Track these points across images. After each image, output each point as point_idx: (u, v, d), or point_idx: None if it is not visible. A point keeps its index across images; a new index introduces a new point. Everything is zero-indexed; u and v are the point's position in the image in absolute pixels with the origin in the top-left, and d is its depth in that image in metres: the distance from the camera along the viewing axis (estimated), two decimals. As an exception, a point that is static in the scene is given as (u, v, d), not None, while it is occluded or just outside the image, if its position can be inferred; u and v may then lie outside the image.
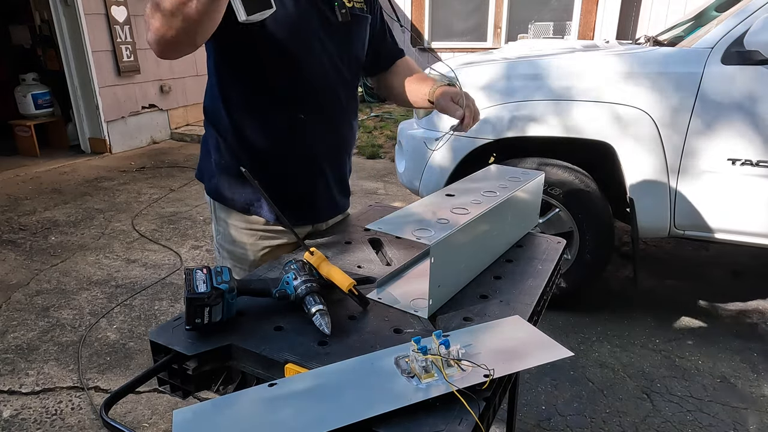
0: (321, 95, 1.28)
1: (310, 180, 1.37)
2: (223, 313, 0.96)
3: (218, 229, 1.42)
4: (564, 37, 7.77)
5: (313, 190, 1.39)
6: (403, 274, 1.21)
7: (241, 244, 1.38)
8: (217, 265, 1.42)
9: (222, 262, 1.43)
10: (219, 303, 0.94)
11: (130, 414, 2.15)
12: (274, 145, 1.29)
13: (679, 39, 2.84)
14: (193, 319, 0.93)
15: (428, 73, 1.57)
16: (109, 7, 6.02)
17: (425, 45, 9.32)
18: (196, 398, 1.09)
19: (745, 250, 3.09)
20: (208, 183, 1.39)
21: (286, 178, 1.33)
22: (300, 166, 1.33)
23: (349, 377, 0.83)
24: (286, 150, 1.31)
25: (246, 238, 1.37)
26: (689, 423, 2.10)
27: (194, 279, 0.94)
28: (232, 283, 0.96)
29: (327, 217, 1.48)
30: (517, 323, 0.99)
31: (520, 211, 1.39)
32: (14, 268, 3.44)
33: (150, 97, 6.80)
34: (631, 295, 3.07)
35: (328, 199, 1.44)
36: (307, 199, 1.39)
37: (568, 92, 2.54)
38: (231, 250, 1.40)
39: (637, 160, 2.48)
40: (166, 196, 4.84)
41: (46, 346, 2.61)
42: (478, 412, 0.76)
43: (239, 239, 1.38)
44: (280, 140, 1.29)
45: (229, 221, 1.38)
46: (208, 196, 1.40)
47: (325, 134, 1.33)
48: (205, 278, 0.95)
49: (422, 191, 2.95)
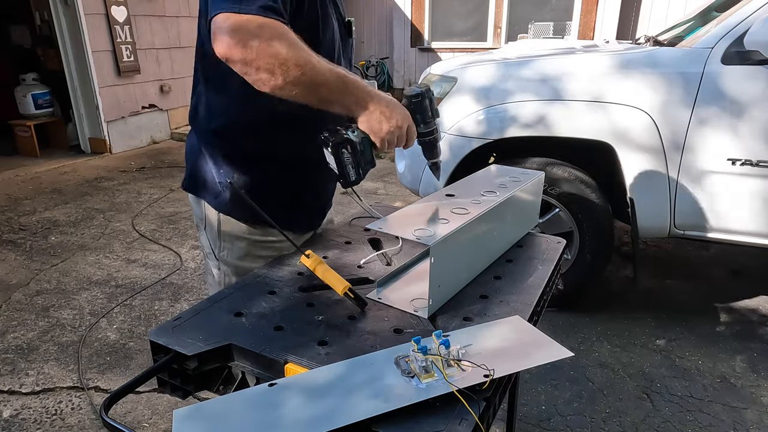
0: None
1: (325, 185, 1.40)
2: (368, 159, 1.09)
3: (224, 246, 1.31)
4: (564, 37, 7.77)
5: (326, 194, 1.43)
6: (403, 274, 1.21)
7: (255, 258, 1.31)
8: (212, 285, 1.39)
9: (226, 280, 1.34)
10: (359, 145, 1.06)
11: (130, 414, 2.15)
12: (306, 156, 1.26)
13: (679, 39, 2.83)
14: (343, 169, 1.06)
15: (427, 74, 1.59)
16: (109, 7, 6.02)
17: (425, 45, 9.32)
18: (196, 398, 1.09)
19: (745, 250, 3.09)
20: (215, 198, 1.28)
21: (315, 185, 1.35)
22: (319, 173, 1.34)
23: (349, 377, 0.83)
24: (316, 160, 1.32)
25: (260, 250, 1.31)
26: (689, 423, 2.10)
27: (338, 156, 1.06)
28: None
29: (325, 215, 1.50)
30: (517, 323, 0.99)
31: (520, 211, 1.39)
32: (14, 268, 3.44)
33: (150, 97, 6.80)
34: (631, 295, 3.07)
35: (330, 200, 1.49)
36: (321, 204, 1.43)
37: (568, 92, 2.54)
38: (239, 266, 1.32)
39: (637, 160, 2.48)
40: (166, 196, 4.84)
41: (46, 346, 2.61)
42: (478, 412, 0.76)
43: (253, 253, 1.30)
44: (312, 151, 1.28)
45: (240, 235, 1.29)
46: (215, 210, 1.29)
47: None
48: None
49: (422, 191, 2.95)
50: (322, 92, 1.01)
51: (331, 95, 1.02)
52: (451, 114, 2.78)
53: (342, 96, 1.04)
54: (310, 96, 1.00)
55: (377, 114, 1.06)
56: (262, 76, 0.95)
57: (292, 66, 0.95)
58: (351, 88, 1.05)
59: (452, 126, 2.77)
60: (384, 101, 1.08)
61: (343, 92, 1.04)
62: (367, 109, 1.06)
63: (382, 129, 1.07)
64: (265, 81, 0.95)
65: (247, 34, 0.91)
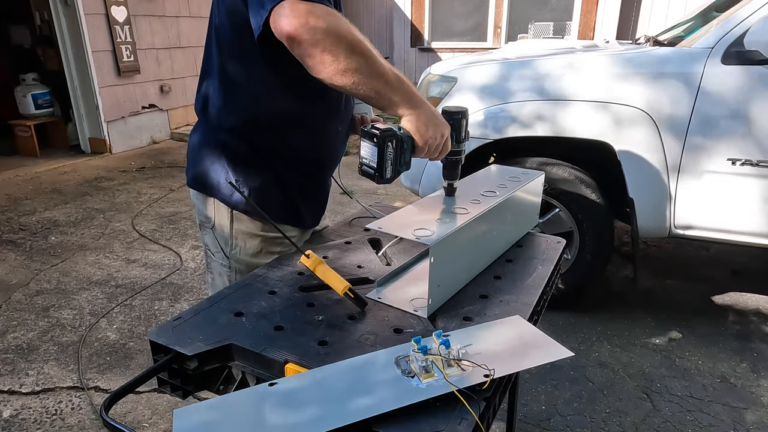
0: (347, 103, 1.33)
1: (329, 182, 1.43)
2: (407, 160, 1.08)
3: (236, 243, 1.31)
4: (564, 37, 7.77)
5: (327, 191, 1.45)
6: (403, 274, 1.21)
7: (268, 255, 1.31)
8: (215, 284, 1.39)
9: (234, 277, 1.34)
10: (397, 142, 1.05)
11: (130, 414, 2.15)
12: (321, 154, 1.32)
13: (679, 39, 2.83)
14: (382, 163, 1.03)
15: (427, 74, 1.60)
16: (109, 7, 6.02)
17: (425, 45, 9.32)
18: (196, 398, 1.09)
19: (745, 250, 3.09)
20: (229, 196, 1.26)
21: (325, 184, 1.39)
22: (329, 171, 1.39)
23: (349, 377, 0.83)
24: (332, 158, 1.35)
25: (274, 247, 1.31)
26: (689, 423, 2.10)
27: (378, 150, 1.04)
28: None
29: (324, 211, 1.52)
30: (517, 323, 0.99)
31: (520, 211, 1.39)
32: (14, 268, 3.44)
33: (150, 97, 6.79)
34: (631, 295, 3.07)
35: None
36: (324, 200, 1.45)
37: (568, 92, 2.54)
38: (251, 263, 1.31)
39: (637, 160, 2.48)
40: (166, 196, 4.84)
41: (46, 346, 2.61)
42: (478, 412, 0.76)
43: (267, 249, 1.31)
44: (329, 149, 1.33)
45: (254, 232, 1.29)
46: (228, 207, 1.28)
47: (343, 137, 1.38)
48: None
49: (422, 191, 2.95)
50: (380, 84, 1.01)
51: (387, 89, 1.03)
52: (451, 114, 2.78)
53: (397, 92, 1.04)
54: (366, 85, 1.00)
55: (424, 118, 1.07)
56: (326, 58, 0.95)
57: (357, 51, 0.97)
58: (406, 86, 1.06)
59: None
60: (431, 108, 1.10)
61: (399, 88, 1.05)
62: (416, 110, 1.07)
63: (428, 132, 1.08)
64: (327, 63, 0.96)
65: (315, 16, 0.93)
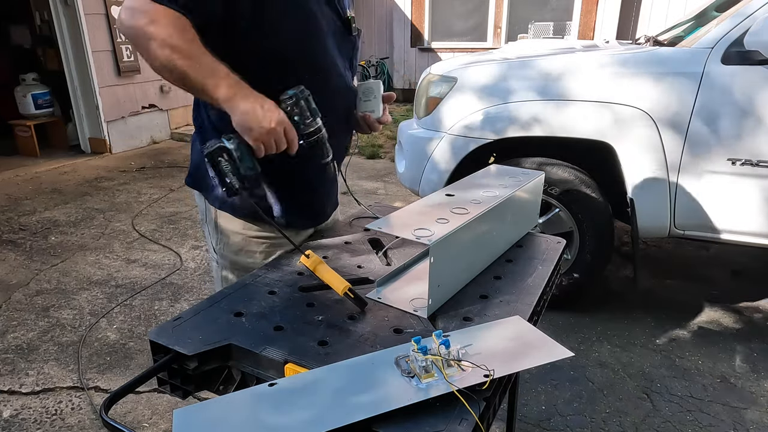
0: (339, 98, 1.31)
1: (326, 182, 1.39)
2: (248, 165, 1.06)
3: (221, 239, 1.36)
4: (564, 37, 7.77)
5: (328, 190, 1.42)
6: (402, 274, 1.21)
7: (250, 254, 1.34)
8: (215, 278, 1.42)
9: (222, 273, 1.38)
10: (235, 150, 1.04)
11: (130, 414, 2.15)
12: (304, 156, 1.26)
13: (679, 39, 2.83)
14: (223, 178, 1.03)
15: (427, 74, 1.58)
16: (109, 7, 6.02)
17: (425, 45, 9.32)
18: (196, 398, 1.09)
19: (745, 250, 3.09)
20: (210, 193, 1.33)
21: (310, 183, 1.34)
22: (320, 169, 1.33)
23: (349, 377, 0.83)
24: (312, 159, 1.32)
25: (254, 246, 1.34)
26: (689, 423, 2.10)
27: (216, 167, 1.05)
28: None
29: (330, 214, 1.49)
30: (517, 323, 0.99)
31: (520, 211, 1.39)
32: (14, 268, 3.44)
33: (150, 97, 6.80)
34: (631, 295, 3.07)
35: (334, 196, 1.47)
36: (322, 201, 1.42)
37: (568, 92, 2.54)
38: (234, 260, 1.36)
39: (637, 160, 2.48)
40: (166, 196, 4.84)
41: (46, 346, 2.61)
42: (478, 412, 0.76)
43: (247, 248, 1.34)
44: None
45: (235, 230, 1.33)
46: (212, 206, 1.34)
47: (338, 135, 1.34)
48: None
49: (422, 191, 2.95)
50: (172, 78, 1.05)
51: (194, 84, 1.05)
52: (451, 114, 2.78)
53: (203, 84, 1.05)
54: (175, 80, 1.05)
55: (250, 116, 1.05)
56: (139, 50, 1.05)
57: (161, 46, 1.01)
58: (219, 79, 1.05)
59: (452, 126, 2.77)
60: (259, 102, 1.06)
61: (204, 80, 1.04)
62: (238, 108, 1.04)
63: (253, 131, 1.05)
64: (142, 53, 1.05)
65: (136, 12, 1.02)
